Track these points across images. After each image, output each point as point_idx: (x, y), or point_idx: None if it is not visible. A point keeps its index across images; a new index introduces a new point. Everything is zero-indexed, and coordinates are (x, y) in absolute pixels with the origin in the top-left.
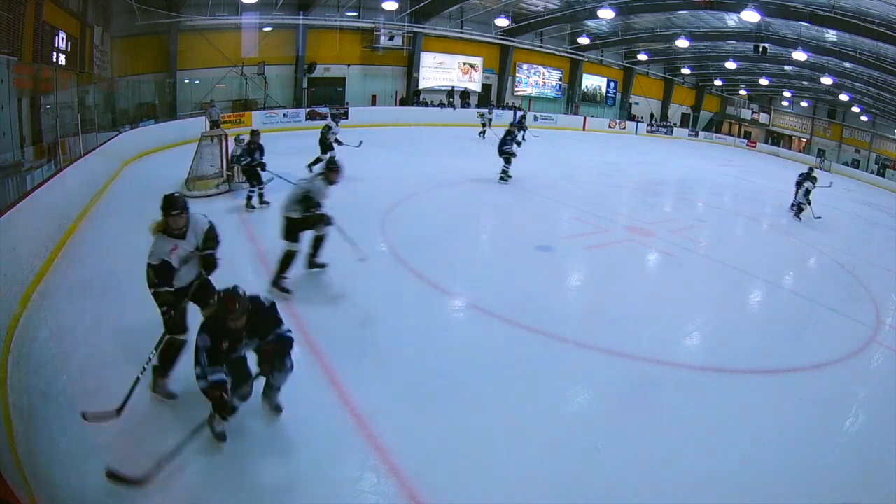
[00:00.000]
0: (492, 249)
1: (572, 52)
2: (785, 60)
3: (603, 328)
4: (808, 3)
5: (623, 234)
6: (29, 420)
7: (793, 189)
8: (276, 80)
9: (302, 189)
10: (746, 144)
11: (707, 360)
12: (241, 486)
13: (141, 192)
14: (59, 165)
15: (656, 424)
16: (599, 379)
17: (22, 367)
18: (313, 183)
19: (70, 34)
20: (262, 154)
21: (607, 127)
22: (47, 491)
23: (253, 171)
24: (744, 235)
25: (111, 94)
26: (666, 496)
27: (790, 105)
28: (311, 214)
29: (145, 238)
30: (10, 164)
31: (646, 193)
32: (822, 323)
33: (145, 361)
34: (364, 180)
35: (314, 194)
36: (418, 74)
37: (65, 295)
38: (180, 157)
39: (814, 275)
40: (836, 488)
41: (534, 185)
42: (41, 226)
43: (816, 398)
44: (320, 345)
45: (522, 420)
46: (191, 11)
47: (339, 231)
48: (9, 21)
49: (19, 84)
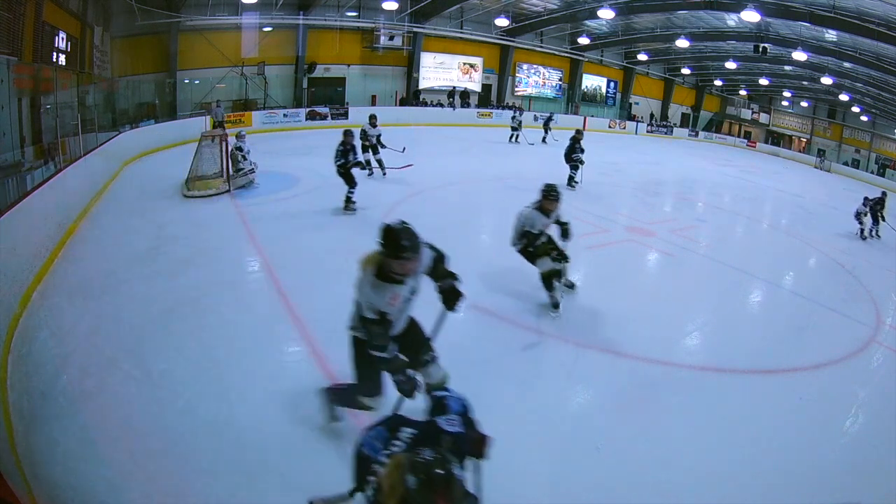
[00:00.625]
0: (492, 249)
1: (572, 52)
2: (785, 60)
3: (603, 328)
4: (808, 3)
5: (623, 234)
6: (29, 420)
7: (853, 215)
8: (276, 80)
9: (520, 223)
10: (746, 144)
11: (707, 360)
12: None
13: (141, 192)
14: (59, 165)
15: (656, 424)
16: (599, 379)
17: (22, 367)
18: (526, 214)
19: (70, 34)
20: (356, 154)
21: (607, 127)
22: (47, 491)
23: (348, 173)
24: (744, 235)
25: (111, 94)
26: (666, 496)
27: (790, 105)
28: (534, 249)
29: (145, 238)
30: (10, 164)
31: (646, 193)
32: (822, 323)
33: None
34: (364, 180)
35: (530, 227)
36: (418, 74)
37: (65, 295)
38: (180, 157)
39: (814, 275)
40: (836, 488)
41: (534, 185)
42: (41, 226)
43: (816, 398)
44: (320, 345)
45: (522, 420)
46: (191, 11)
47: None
48: (9, 21)
49: (19, 84)
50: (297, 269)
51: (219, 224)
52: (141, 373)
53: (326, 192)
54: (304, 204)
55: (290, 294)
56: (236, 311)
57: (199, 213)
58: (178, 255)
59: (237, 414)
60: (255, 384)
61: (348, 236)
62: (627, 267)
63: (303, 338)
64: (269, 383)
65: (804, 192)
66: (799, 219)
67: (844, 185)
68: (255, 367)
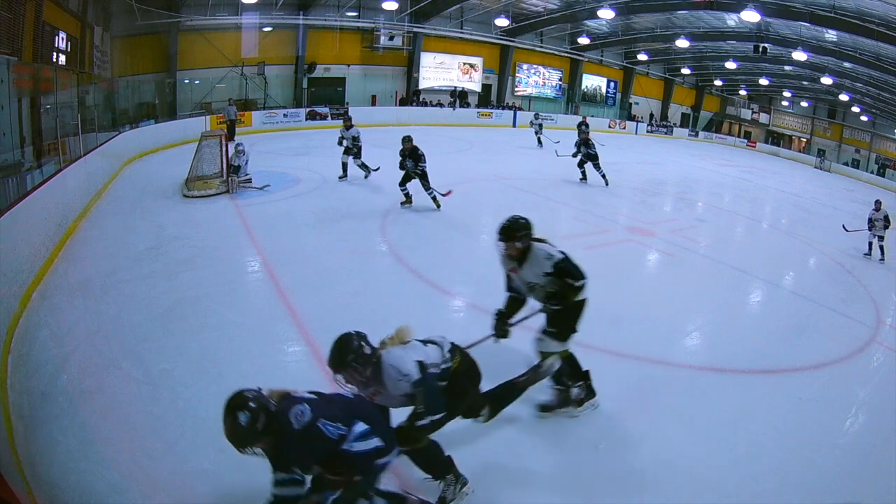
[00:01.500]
0: (492, 249)
1: (572, 52)
2: (785, 60)
3: (603, 328)
4: (808, 3)
5: (623, 234)
6: (29, 420)
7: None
8: (276, 80)
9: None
10: (746, 144)
11: (707, 360)
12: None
13: (141, 192)
14: (59, 165)
15: (656, 424)
16: (599, 379)
17: (22, 367)
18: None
19: (70, 34)
20: (415, 161)
21: (607, 127)
22: (47, 491)
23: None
24: (744, 235)
25: (111, 94)
26: (666, 496)
27: (790, 105)
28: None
29: (145, 238)
30: (10, 164)
31: (646, 193)
32: (822, 323)
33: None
34: (364, 180)
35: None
36: (418, 74)
37: (65, 295)
38: (180, 157)
39: (814, 275)
40: (836, 488)
41: (534, 185)
42: (41, 226)
43: (816, 398)
44: (320, 345)
45: (522, 420)
46: (191, 11)
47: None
48: (9, 21)
49: (19, 84)
50: (297, 269)
51: (219, 224)
52: (141, 373)
53: (326, 192)
54: (304, 204)
55: (290, 294)
56: (236, 311)
57: (199, 213)
58: (178, 255)
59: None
60: (256, 384)
61: (348, 236)
62: (627, 267)
63: (303, 338)
64: (269, 383)
65: (804, 192)
66: (799, 219)
67: (844, 185)
68: (255, 367)
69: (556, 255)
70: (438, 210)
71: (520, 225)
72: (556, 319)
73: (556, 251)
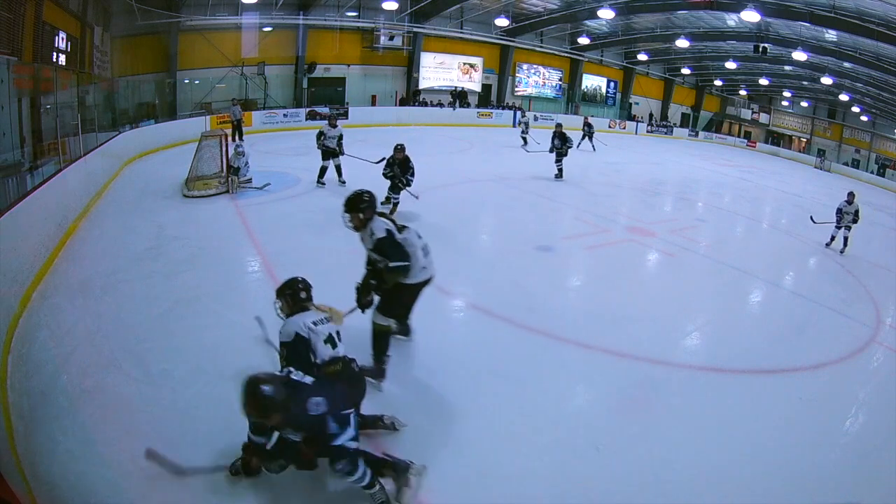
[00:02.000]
0: (492, 249)
1: (572, 52)
2: (785, 60)
3: (603, 328)
4: (808, 3)
5: (623, 234)
6: (29, 420)
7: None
8: (276, 80)
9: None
10: (746, 144)
11: (707, 360)
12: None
13: (141, 192)
14: (60, 165)
15: (656, 424)
16: (600, 379)
17: (22, 367)
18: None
19: (70, 34)
20: (403, 171)
21: (607, 127)
22: (47, 491)
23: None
24: (744, 235)
25: (111, 94)
26: (666, 496)
27: (790, 105)
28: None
29: (145, 238)
30: (10, 164)
31: (646, 193)
32: (822, 323)
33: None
34: (364, 180)
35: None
36: (418, 74)
37: (65, 295)
38: (180, 157)
39: (814, 275)
40: (836, 488)
41: (534, 185)
42: (41, 226)
43: (816, 398)
44: None
45: (522, 420)
46: (191, 11)
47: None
48: (9, 21)
49: (19, 84)
50: (297, 270)
51: (219, 224)
52: (141, 373)
53: (326, 193)
54: (304, 204)
55: None
56: (236, 311)
57: (199, 213)
58: (178, 255)
59: (237, 414)
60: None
61: (348, 236)
62: (627, 267)
63: None
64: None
65: (804, 192)
66: (799, 219)
67: (844, 185)
68: (254, 367)
69: (381, 233)
70: (418, 200)
71: (363, 199)
72: (383, 293)
73: (384, 229)
